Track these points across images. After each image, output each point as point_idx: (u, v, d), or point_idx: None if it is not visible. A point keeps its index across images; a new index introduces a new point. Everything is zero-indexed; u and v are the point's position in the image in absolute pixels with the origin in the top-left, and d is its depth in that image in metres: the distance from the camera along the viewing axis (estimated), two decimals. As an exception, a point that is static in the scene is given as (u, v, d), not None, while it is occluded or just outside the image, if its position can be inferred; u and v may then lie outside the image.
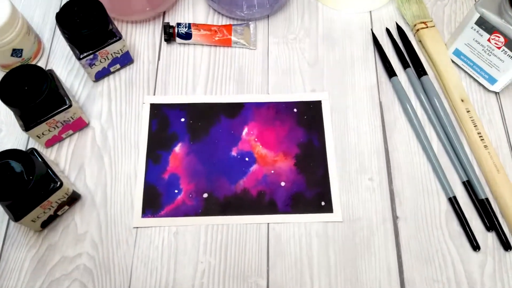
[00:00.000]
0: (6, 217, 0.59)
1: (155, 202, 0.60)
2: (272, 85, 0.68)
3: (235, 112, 0.66)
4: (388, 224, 0.58)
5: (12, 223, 0.59)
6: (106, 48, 0.63)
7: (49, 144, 0.63)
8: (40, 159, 0.56)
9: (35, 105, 0.55)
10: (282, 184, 0.61)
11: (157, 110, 0.66)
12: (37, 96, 0.55)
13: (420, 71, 0.67)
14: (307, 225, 0.59)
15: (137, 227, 0.59)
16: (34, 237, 0.58)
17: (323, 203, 0.60)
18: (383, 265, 0.56)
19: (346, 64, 0.69)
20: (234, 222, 0.59)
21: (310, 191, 0.60)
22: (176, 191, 0.61)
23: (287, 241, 0.58)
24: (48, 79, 0.57)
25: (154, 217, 0.59)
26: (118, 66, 0.68)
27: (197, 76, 0.69)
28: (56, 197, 0.56)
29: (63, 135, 0.63)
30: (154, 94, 0.67)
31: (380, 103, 0.66)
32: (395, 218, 0.59)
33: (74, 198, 0.59)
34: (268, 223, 0.59)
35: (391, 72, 0.67)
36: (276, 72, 0.69)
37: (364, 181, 0.61)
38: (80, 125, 0.64)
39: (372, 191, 0.60)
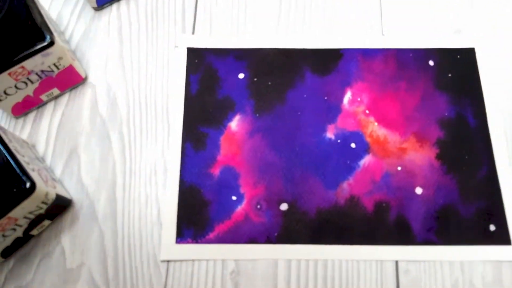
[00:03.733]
0: None
1: (198, 216, 0.35)
2: (388, 21, 0.41)
3: (328, 64, 0.39)
4: None
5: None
6: None
7: (19, 111, 0.38)
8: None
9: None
10: (418, 191, 0.35)
11: (199, 59, 0.40)
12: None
13: None
14: (466, 267, 0.33)
15: (168, 260, 0.34)
16: (-8, 273, 0.34)
17: (492, 228, 0.34)
18: None
19: (509, -12, 0.42)
20: (335, 257, 0.34)
21: (467, 205, 0.35)
22: (234, 197, 0.35)
23: (431, 294, 0.33)
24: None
25: (197, 242, 0.34)
26: (133, -16, 0.41)
27: (262, 3, 0.42)
28: (26, 209, 0.31)
29: (43, 97, 0.38)
30: (193, 33, 0.41)
31: None
32: None
33: (60, 207, 0.34)
34: (397, 261, 0.34)
35: None
36: (393, -1, 0.42)
37: (562, 190, 0.35)
38: (71, 80, 0.38)
39: None
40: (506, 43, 0.40)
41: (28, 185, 0.30)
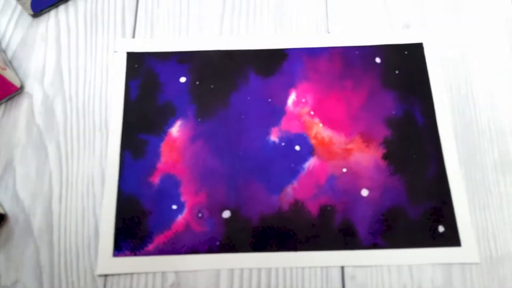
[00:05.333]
0: None
1: (137, 228, 0.33)
2: (335, 18, 0.40)
3: (272, 65, 0.38)
4: None
5: None
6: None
7: (-51, 125, 0.36)
8: None
9: None
10: (364, 193, 0.34)
11: (138, 64, 0.38)
12: None
13: None
14: (415, 271, 0.32)
15: (105, 275, 0.33)
16: None
17: (441, 229, 0.33)
18: None
19: (458, -19, 0.41)
20: (279, 264, 0.32)
21: (415, 206, 0.33)
22: (174, 206, 0.34)
23: (379, 300, 0.32)
24: None
25: (135, 255, 0.33)
26: (71, -11, 0.40)
27: (206, 4, 0.41)
28: None
29: (-26, 109, 0.36)
30: (133, 37, 0.40)
31: (526, 46, 0.38)
32: None
33: (-10, 224, 0.33)
34: (343, 266, 0.32)
35: (543, -8, 0.39)
36: (340, -4, 0.41)
37: (511, 187, 0.34)
38: (4, 90, 0.37)
39: (529, 205, 0.33)
40: (455, 37, 0.39)
41: None
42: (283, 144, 0.36)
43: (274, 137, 0.36)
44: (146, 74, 0.38)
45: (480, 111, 0.36)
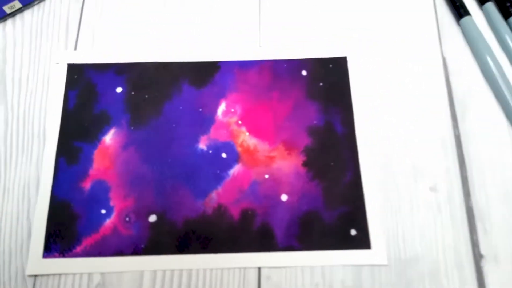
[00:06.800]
0: None
1: (66, 230, 0.35)
2: (266, 33, 0.42)
3: (205, 77, 0.40)
4: (466, 270, 0.34)
5: None
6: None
7: None
8: None
9: None
10: (283, 198, 0.36)
11: (78, 75, 0.40)
12: None
13: (509, 8, 0.41)
14: (327, 272, 0.34)
15: (35, 275, 0.34)
16: None
17: (353, 232, 0.35)
18: None
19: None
20: (201, 266, 0.34)
21: (330, 210, 0.35)
22: (103, 211, 0.36)
23: (292, 300, 0.33)
24: None
25: (64, 256, 0.35)
26: (17, 3, 0.42)
27: (145, 19, 0.43)
28: None
29: None
30: (75, 49, 0.42)
31: (444, 60, 0.40)
32: (477, 257, 0.34)
33: None
34: (260, 267, 0.34)
35: (460, 10, 0.41)
36: (272, 10, 0.43)
37: (423, 193, 0.36)
38: None
39: (437, 210, 0.35)
40: (377, 52, 0.41)
41: None
42: (210, 151, 0.37)
43: (202, 145, 0.38)
44: (85, 85, 0.40)
45: (397, 121, 0.38)
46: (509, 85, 0.38)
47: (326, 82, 0.39)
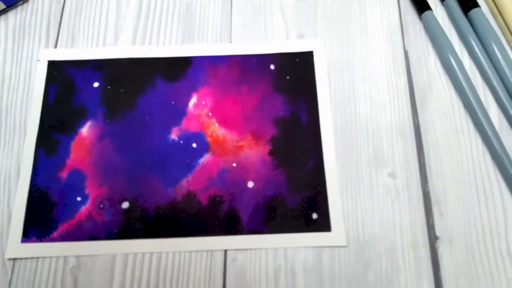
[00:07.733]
0: None
1: (44, 217, 0.37)
2: (236, 29, 0.44)
3: (178, 71, 0.42)
4: (422, 251, 0.36)
5: None
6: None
7: None
8: None
9: None
10: (250, 184, 0.38)
11: (58, 71, 0.42)
12: None
13: (468, 2, 0.43)
14: (289, 253, 0.36)
15: (14, 258, 0.36)
16: None
17: (315, 216, 0.37)
18: (416, 320, 0.34)
19: (351, -4, 0.45)
20: (170, 249, 0.36)
21: (294, 196, 0.37)
22: (79, 198, 0.38)
23: (256, 280, 0.35)
24: None
25: (41, 241, 0.37)
26: (1, 5, 0.44)
27: (123, 18, 0.45)
28: None
29: None
30: (55, 47, 0.44)
31: (406, 53, 0.42)
32: (433, 239, 0.36)
33: None
34: (226, 250, 0.36)
35: (422, 4, 0.43)
36: (243, 8, 0.45)
37: (382, 179, 0.38)
38: None
39: (395, 195, 0.37)
40: (341, 50, 0.43)
41: None
42: (181, 142, 0.39)
43: (174, 136, 0.40)
44: (64, 80, 0.42)
45: (360, 111, 0.40)
46: (466, 77, 0.40)
47: (292, 76, 0.41)
